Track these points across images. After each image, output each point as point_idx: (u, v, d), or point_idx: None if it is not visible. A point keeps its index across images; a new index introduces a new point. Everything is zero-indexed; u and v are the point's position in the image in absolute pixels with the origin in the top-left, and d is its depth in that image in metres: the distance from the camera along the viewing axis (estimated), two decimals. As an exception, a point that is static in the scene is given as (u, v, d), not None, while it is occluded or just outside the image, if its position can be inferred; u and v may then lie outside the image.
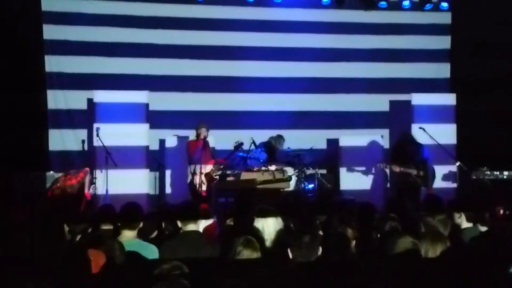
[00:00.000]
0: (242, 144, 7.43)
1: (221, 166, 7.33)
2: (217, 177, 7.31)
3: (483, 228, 4.14)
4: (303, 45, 9.25)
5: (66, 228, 4.05)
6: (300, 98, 9.20)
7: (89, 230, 4.17)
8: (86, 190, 6.82)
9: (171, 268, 2.55)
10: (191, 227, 3.94)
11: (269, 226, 3.82)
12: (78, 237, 4.01)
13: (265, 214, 3.85)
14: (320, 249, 3.10)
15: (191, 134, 7.77)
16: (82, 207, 6.63)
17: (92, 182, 6.96)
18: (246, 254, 3.14)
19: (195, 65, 8.91)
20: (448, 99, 8.74)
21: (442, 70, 9.55)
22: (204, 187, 7.22)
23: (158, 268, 2.55)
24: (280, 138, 8.67)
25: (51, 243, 3.31)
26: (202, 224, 4.21)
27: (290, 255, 3.10)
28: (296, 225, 4.00)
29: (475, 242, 3.69)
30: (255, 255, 3.14)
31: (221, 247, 3.66)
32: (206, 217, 4.53)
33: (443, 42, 9.56)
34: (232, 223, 4.47)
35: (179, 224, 3.96)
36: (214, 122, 8.67)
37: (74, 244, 3.86)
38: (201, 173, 7.17)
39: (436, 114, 8.46)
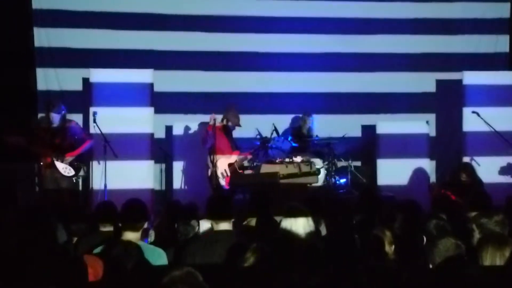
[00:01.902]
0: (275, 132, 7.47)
1: (248, 158, 7.35)
2: (241, 171, 7.32)
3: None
4: (333, 15, 9.15)
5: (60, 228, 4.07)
6: (330, 77, 9.12)
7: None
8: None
9: (183, 275, 2.54)
10: (223, 226, 3.96)
11: (298, 228, 3.80)
12: (75, 239, 4.03)
13: (296, 214, 3.83)
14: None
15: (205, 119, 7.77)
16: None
17: (74, 165, 6.85)
18: (253, 261, 3.14)
19: (208, 39, 8.87)
20: (507, 77, 8.60)
21: (499, 44, 9.38)
22: (222, 181, 7.25)
23: (168, 275, 2.54)
24: (306, 116, 8.57)
25: (41, 246, 3.32)
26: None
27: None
28: (330, 227, 3.97)
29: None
30: None
31: (235, 251, 3.65)
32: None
33: (501, 10, 9.39)
34: (250, 223, 4.45)
35: (212, 223, 3.98)
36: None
37: (70, 247, 3.88)
38: (213, 164, 7.18)
39: (493, 96, 8.32)
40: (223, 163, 7.34)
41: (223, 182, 7.32)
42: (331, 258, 3.19)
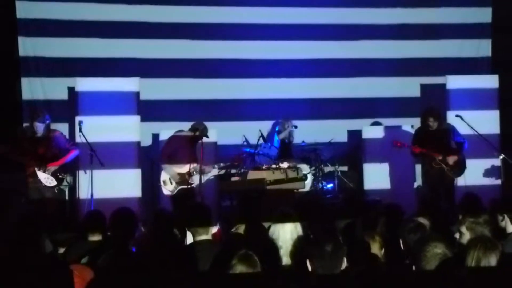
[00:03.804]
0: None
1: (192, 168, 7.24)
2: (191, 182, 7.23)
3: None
4: (319, 21, 9.21)
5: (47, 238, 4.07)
6: (317, 83, 9.18)
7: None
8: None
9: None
10: (203, 236, 3.95)
11: (285, 233, 3.82)
12: (61, 249, 4.03)
13: (284, 219, 3.84)
14: (345, 260, 3.11)
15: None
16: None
17: (57, 175, 6.80)
18: (240, 269, 3.17)
19: (194, 47, 8.90)
20: (490, 81, 8.68)
21: (482, 48, 9.49)
22: (163, 189, 7.23)
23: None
24: (286, 121, 8.61)
25: (28, 255, 3.33)
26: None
27: (310, 268, 3.12)
28: (315, 232, 4.00)
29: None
30: (251, 271, 3.16)
31: (222, 259, 3.66)
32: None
33: (483, 15, 9.50)
34: (238, 230, 4.47)
35: (189, 232, 3.98)
36: (217, 113, 8.69)
37: (57, 257, 3.89)
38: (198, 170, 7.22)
39: (476, 99, 8.41)
40: (168, 171, 7.26)
41: (164, 190, 7.25)
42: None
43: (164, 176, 7.27)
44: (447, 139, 7.38)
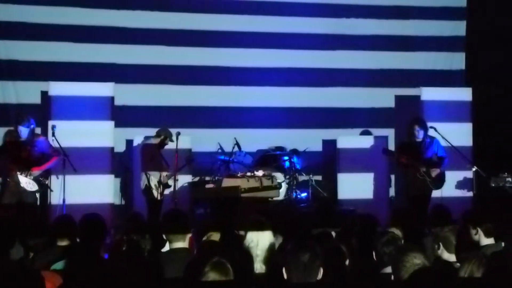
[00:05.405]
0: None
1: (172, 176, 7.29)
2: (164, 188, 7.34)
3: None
4: (295, 31, 9.26)
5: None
6: (292, 92, 9.21)
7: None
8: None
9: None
10: (179, 244, 3.90)
11: (264, 241, 3.79)
12: (31, 254, 3.95)
13: (260, 227, 3.82)
14: (321, 270, 3.10)
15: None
16: None
17: (39, 180, 6.70)
18: (212, 277, 3.15)
19: (170, 53, 8.87)
20: (463, 94, 8.81)
21: (456, 61, 9.63)
22: (155, 192, 7.32)
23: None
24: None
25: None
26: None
27: (285, 276, 3.10)
28: (291, 240, 3.98)
29: (496, 258, 3.70)
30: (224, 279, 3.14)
31: (195, 267, 3.62)
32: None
33: (457, 29, 9.65)
34: (211, 238, 4.43)
35: (166, 239, 3.93)
36: (192, 119, 8.66)
37: (26, 263, 3.81)
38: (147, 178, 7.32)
39: (449, 112, 8.52)
40: (156, 176, 7.32)
41: (155, 193, 7.29)
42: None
43: (154, 181, 7.28)
44: (431, 152, 7.45)
